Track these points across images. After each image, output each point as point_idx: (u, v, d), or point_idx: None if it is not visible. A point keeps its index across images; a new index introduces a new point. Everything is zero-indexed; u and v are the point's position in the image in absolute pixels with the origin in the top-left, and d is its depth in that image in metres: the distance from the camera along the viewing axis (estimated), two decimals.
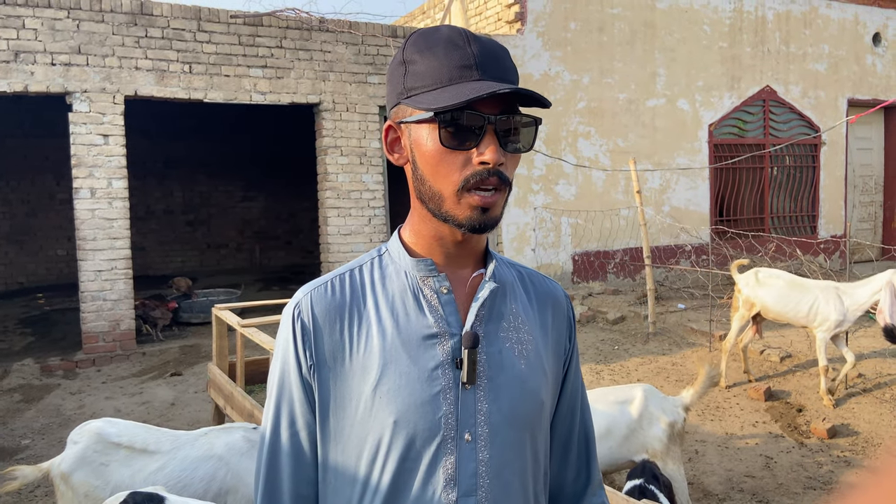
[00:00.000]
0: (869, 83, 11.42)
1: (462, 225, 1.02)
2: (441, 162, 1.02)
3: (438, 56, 1.01)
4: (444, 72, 1.01)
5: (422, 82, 1.03)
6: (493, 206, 1.02)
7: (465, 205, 1.01)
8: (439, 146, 1.01)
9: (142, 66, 7.16)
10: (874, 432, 4.92)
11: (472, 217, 1.01)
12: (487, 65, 1.01)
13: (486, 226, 1.02)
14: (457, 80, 1.00)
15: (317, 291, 1.10)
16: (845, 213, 11.44)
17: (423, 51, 1.03)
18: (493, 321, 1.10)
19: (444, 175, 1.02)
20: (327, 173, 8.07)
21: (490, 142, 1.00)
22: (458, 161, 1.01)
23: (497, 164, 0.99)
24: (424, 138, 1.03)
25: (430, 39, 1.04)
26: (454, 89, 0.99)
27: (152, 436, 2.92)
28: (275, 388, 1.11)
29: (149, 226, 13.12)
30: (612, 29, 9.31)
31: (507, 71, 1.04)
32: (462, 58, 1.01)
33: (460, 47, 1.01)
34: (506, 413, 1.06)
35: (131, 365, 6.97)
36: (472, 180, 1.00)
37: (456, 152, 1.01)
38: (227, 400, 4.09)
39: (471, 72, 1.00)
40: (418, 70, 1.03)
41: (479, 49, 1.02)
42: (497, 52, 1.04)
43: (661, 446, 3.38)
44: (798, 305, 5.46)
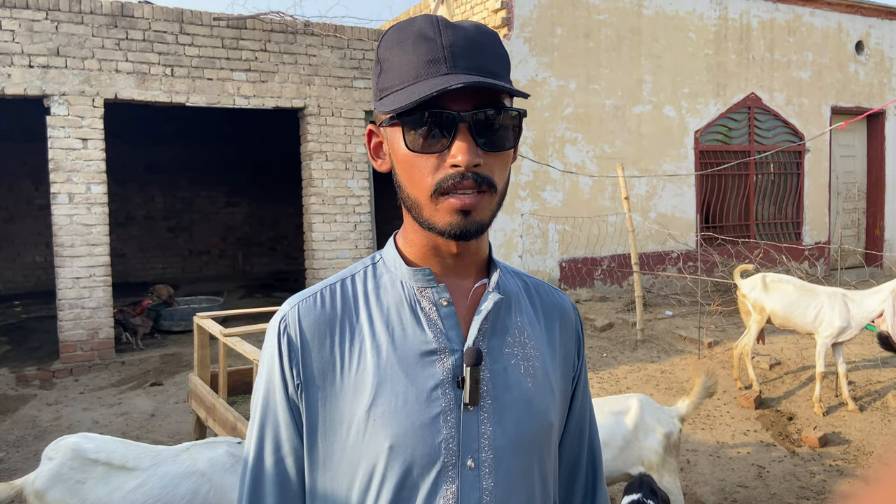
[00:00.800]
0: (852, 91, 11.51)
1: (442, 232, 0.93)
2: (413, 167, 0.93)
3: (407, 51, 0.93)
4: (410, 68, 0.92)
5: (391, 82, 0.94)
6: (476, 209, 0.92)
7: (444, 209, 0.92)
8: (407, 150, 0.93)
9: (122, 69, 7.02)
10: (865, 441, 4.88)
11: (453, 222, 0.92)
12: (460, 56, 0.91)
13: (469, 231, 0.93)
14: (423, 76, 0.91)
15: (305, 303, 1.00)
16: (829, 219, 11.50)
17: (394, 46, 0.94)
18: (498, 336, 1.01)
19: (417, 180, 0.93)
20: (312, 178, 7.96)
21: (462, 141, 0.90)
22: (429, 165, 0.92)
23: (470, 165, 0.90)
24: (396, 143, 0.95)
25: (402, 33, 0.94)
26: (416, 88, 0.90)
27: (131, 451, 2.80)
28: (258, 409, 1.01)
29: (129, 232, 12.92)
30: (599, 35, 9.29)
31: (486, 60, 0.93)
32: (429, 51, 0.91)
33: (430, 39, 0.92)
34: (512, 437, 0.97)
35: (110, 374, 6.80)
36: (446, 184, 0.91)
37: (426, 156, 0.92)
38: (209, 412, 3.96)
39: (438, 66, 0.90)
40: (389, 68, 0.95)
41: (453, 39, 0.92)
42: (477, 40, 0.94)
43: (657, 458, 3.30)
44: (805, 311, 5.41)
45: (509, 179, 0.99)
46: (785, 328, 5.75)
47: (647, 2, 9.62)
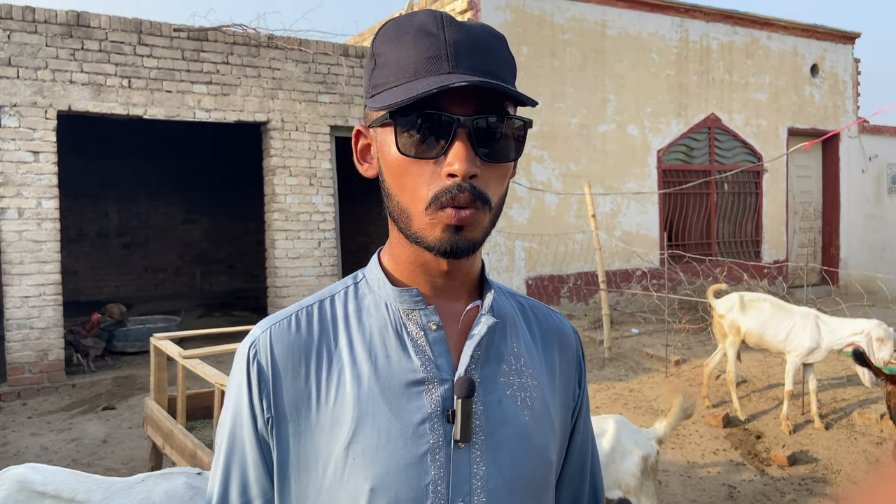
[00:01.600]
0: (807, 113, 11.79)
1: (432, 248, 0.83)
2: (405, 174, 0.83)
3: (406, 46, 0.83)
4: (409, 64, 0.82)
5: (386, 78, 0.84)
6: (470, 225, 0.82)
7: (437, 223, 0.82)
8: (399, 154, 0.83)
9: (77, 80, 6.79)
10: (833, 459, 4.90)
11: (443, 238, 0.82)
12: (463, 54, 0.82)
13: (460, 249, 0.83)
14: (423, 73, 0.82)
15: (278, 327, 0.89)
16: (787, 238, 11.72)
17: (392, 41, 0.85)
18: (492, 364, 0.90)
19: (410, 190, 0.83)
20: (275, 194, 7.78)
21: (460, 149, 0.81)
22: (424, 173, 0.82)
23: (467, 175, 0.80)
24: (388, 145, 0.84)
25: (401, 27, 0.85)
26: (412, 85, 0.81)
27: (82, 484, 2.61)
28: (224, 446, 0.89)
29: (81, 249, 12.51)
30: (564, 54, 9.35)
31: (492, 63, 0.85)
32: (431, 47, 0.82)
33: (432, 35, 0.83)
34: (508, 477, 0.87)
35: (60, 398, 6.50)
36: (443, 197, 0.81)
37: (420, 162, 0.82)
38: (167, 438, 3.76)
39: (439, 63, 0.81)
40: (385, 63, 0.85)
41: (457, 36, 0.83)
42: (483, 40, 0.85)
43: (634, 481, 3.22)
44: (778, 329, 5.41)
45: (505, 196, 0.89)
46: (758, 347, 5.73)
47: (611, 22, 9.73)
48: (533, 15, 9.09)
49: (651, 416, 5.67)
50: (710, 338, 7.93)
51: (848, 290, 11.22)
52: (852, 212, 12.36)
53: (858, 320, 5.23)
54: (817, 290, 11.05)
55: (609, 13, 9.70)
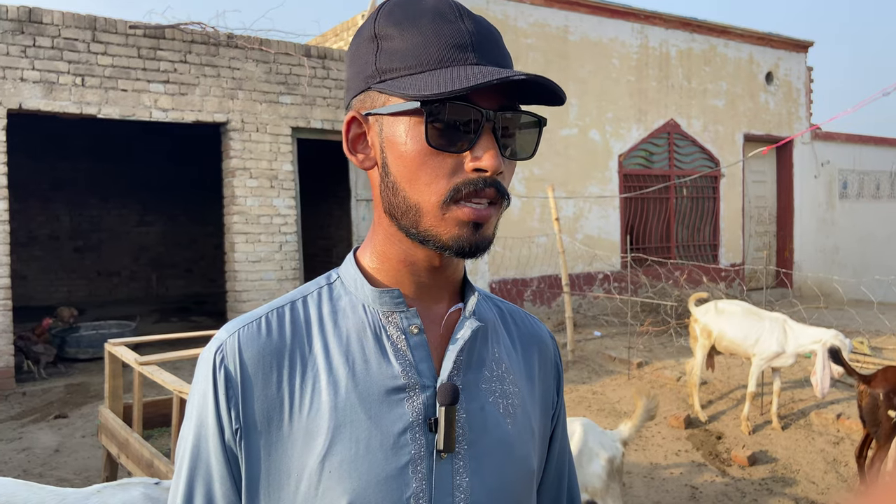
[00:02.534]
0: (763, 119, 12.07)
1: (447, 247, 0.79)
2: (423, 166, 0.78)
3: (424, 31, 0.78)
4: (432, 51, 0.78)
5: (402, 63, 0.79)
6: (488, 223, 0.79)
7: (452, 220, 0.78)
8: (424, 146, 0.77)
9: (28, 78, 6.56)
10: (791, 458, 4.99)
11: (462, 236, 0.78)
12: (484, 46, 0.79)
13: (479, 247, 0.79)
14: (448, 62, 0.77)
15: (246, 331, 0.82)
16: (743, 242, 11.97)
17: (403, 23, 0.80)
18: (474, 370, 0.86)
19: (426, 183, 0.78)
20: (235, 196, 7.64)
21: (489, 144, 0.77)
22: (445, 166, 0.78)
23: (497, 171, 0.77)
24: (402, 135, 0.79)
25: (411, 10, 0.80)
26: (448, 73, 0.76)
27: (35, 495, 2.50)
28: (187, 460, 0.82)
29: (31, 252, 12.12)
30: (527, 58, 9.40)
31: (504, 56, 0.83)
32: (454, 35, 0.78)
33: (451, 22, 0.79)
34: (491, 488, 0.83)
35: (9, 406, 6.28)
36: (465, 190, 0.77)
37: (444, 155, 0.78)
38: (122, 447, 3.63)
39: (466, 53, 0.78)
40: (397, 47, 0.79)
41: (475, 27, 0.80)
42: (494, 34, 0.83)
43: (600, 483, 3.22)
44: (747, 334, 5.48)
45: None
46: (728, 352, 5.78)
47: (573, 28, 9.82)
48: (496, 18, 9.12)
49: (614, 418, 5.70)
50: (672, 340, 8.04)
51: (803, 293, 11.51)
52: (805, 216, 12.69)
53: (819, 329, 5.31)
54: (773, 292, 11.30)
55: (571, 18, 9.79)
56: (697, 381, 5.81)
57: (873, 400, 4.10)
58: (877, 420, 4.08)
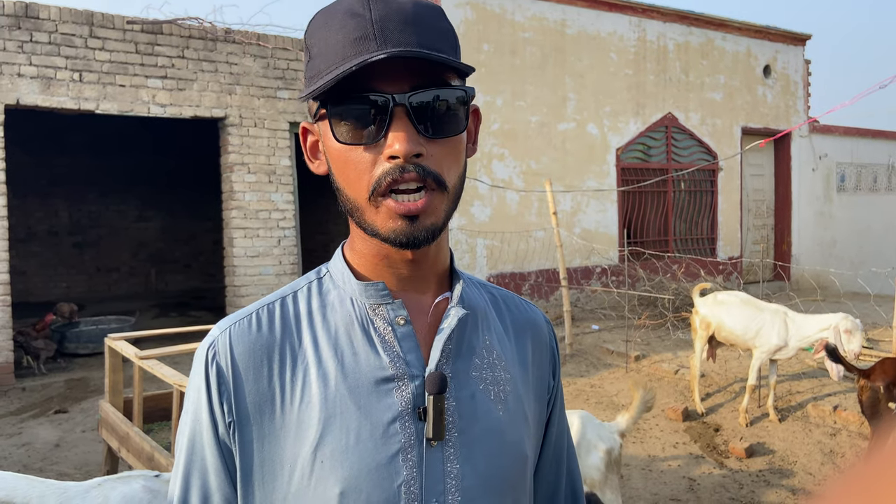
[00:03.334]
0: (760, 113, 12.07)
1: (387, 239, 0.80)
2: (347, 163, 0.80)
3: (333, 31, 0.79)
4: (337, 49, 0.78)
5: (317, 68, 0.80)
6: (424, 213, 0.79)
7: (385, 213, 0.79)
8: (337, 143, 0.79)
9: (25, 73, 6.56)
10: (789, 450, 5.01)
11: (396, 229, 0.79)
12: (392, 29, 0.77)
13: (418, 238, 0.79)
14: (350, 56, 0.77)
15: (238, 327, 0.85)
16: (741, 235, 11.98)
17: (321, 29, 0.81)
18: (463, 358, 0.87)
19: (353, 179, 0.80)
20: (233, 192, 7.64)
21: (399, 128, 0.77)
22: (365, 159, 0.78)
23: (410, 154, 0.76)
24: (328, 137, 0.81)
25: (329, 13, 0.81)
26: (339, 69, 0.77)
27: (35, 488, 2.51)
28: (183, 453, 0.84)
29: (30, 248, 12.12)
30: (524, 52, 9.39)
31: (425, 35, 0.79)
32: (357, 27, 0.78)
33: (358, 15, 0.78)
34: (482, 475, 0.84)
35: (9, 402, 6.29)
36: (384, 181, 0.77)
37: (359, 149, 0.78)
38: (122, 441, 3.65)
39: (366, 43, 0.77)
40: (317, 53, 0.81)
41: (384, 12, 0.78)
42: (413, 13, 0.79)
43: (599, 475, 3.24)
44: (747, 326, 5.43)
45: (464, 175, 0.85)
46: (728, 343, 5.75)
47: (571, 21, 9.81)
48: (493, 13, 9.11)
49: (612, 411, 5.72)
50: (670, 333, 8.06)
51: (800, 286, 11.53)
52: (803, 209, 12.70)
53: (824, 315, 5.25)
54: (771, 285, 11.32)
55: (568, 12, 9.78)
56: (697, 374, 5.82)
57: (874, 393, 4.08)
58: (878, 413, 4.07)
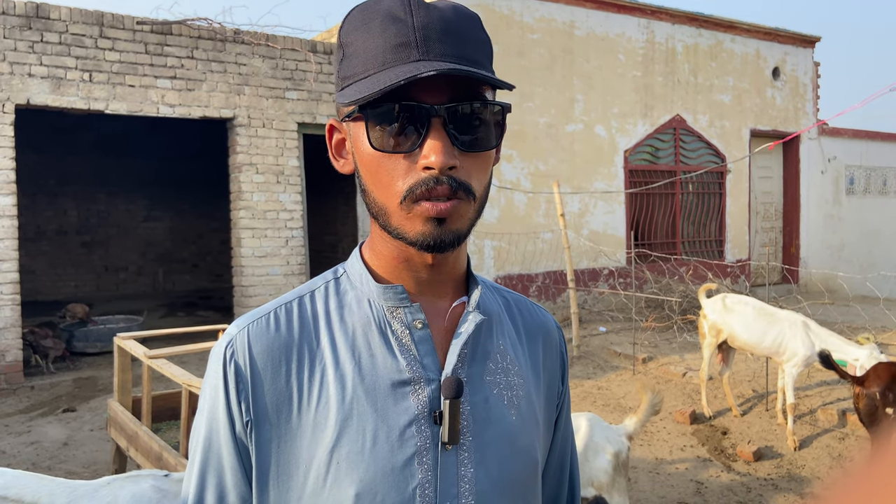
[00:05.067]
0: (769, 115, 12.02)
1: (413, 243, 0.80)
2: (380, 169, 0.80)
3: (373, 34, 0.79)
4: (377, 54, 0.79)
5: (355, 69, 0.80)
6: (452, 217, 0.79)
7: (415, 217, 0.79)
8: (372, 149, 0.79)
9: (36, 73, 6.59)
10: (797, 454, 4.99)
11: (425, 232, 0.79)
12: (433, 39, 0.78)
13: (444, 242, 0.80)
14: (391, 63, 0.78)
15: (256, 326, 0.85)
16: (749, 238, 11.93)
17: (359, 28, 0.81)
18: (478, 362, 0.88)
19: (385, 185, 0.80)
20: (241, 192, 7.66)
21: (436, 140, 0.77)
22: (399, 167, 0.79)
23: (445, 167, 0.77)
24: (361, 140, 0.81)
25: (367, 13, 0.81)
26: (381, 76, 0.77)
27: (45, 487, 2.52)
28: (199, 452, 0.85)
29: (39, 247, 12.18)
30: (532, 54, 9.38)
31: (465, 46, 0.80)
32: (399, 33, 0.78)
33: (400, 20, 0.78)
34: (495, 479, 0.84)
35: (18, 400, 6.32)
36: (418, 191, 0.78)
37: (394, 156, 0.79)
38: (131, 440, 3.66)
39: (408, 51, 0.78)
40: (353, 53, 0.81)
41: (427, 20, 0.79)
42: (455, 23, 0.80)
43: (606, 478, 3.23)
44: (764, 335, 5.20)
45: (490, 184, 0.86)
46: (743, 351, 5.60)
47: (579, 23, 9.80)
48: (502, 14, 9.11)
49: (619, 414, 5.71)
50: (677, 336, 8.04)
51: (808, 289, 11.48)
52: (812, 212, 12.64)
53: (852, 346, 4.96)
54: (778, 288, 11.28)
55: (577, 14, 9.77)
56: (706, 378, 5.75)
57: (870, 400, 4.00)
58: (876, 419, 4.00)
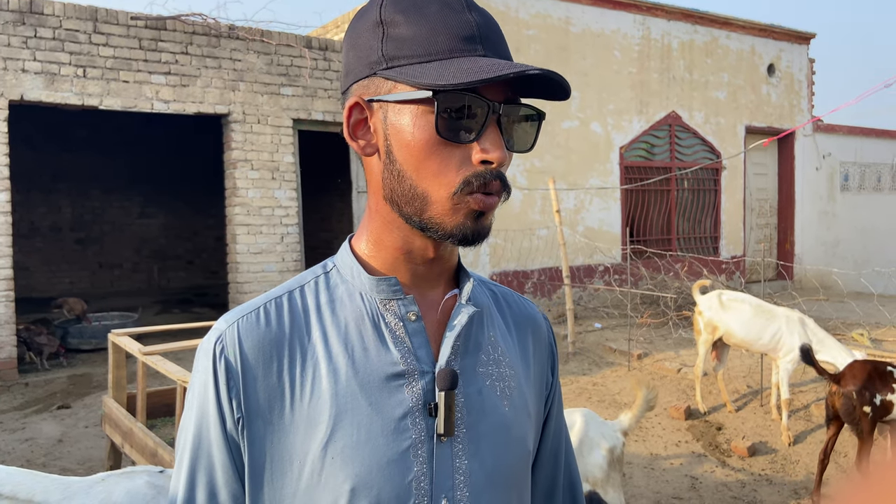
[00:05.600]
0: (764, 112, 12.04)
1: (451, 235, 0.80)
2: (431, 156, 0.79)
3: (431, 20, 0.78)
4: (441, 40, 0.78)
5: (410, 50, 0.79)
6: (490, 213, 0.81)
7: (461, 210, 0.79)
8: (432, 136, 0.78)
9: (29, 69, 6.56)
10: (791, 450, 5.01)
11: (466, 225, 0.79)
12: (491, 39, 0.80)
13: (480, 235, 0.81)
14: (458, 52, 0.78)
15: (246, 320, 0.83)
16: (744, 234, 11.96)
17: (410, 10, 0.79)
18: (471, 354, 0.88)
19: (434, 173, 0.79)
20: (236, 188, 7.65)
21: (495, 136, 0.78)
22: (454, 157, 0.78)
23: (502, 162, 0.78)
24: (408, 124, 0.79)
25: None
26: (459, 64, 0.76)
27: (39, 483, 2.51)
28: (188, 450, 0.83)
29: (33, 244, 12.13)
30: (529, 50, 9.38)
31: (507, 50, 0.84)
32: (462, 26, 0.78)
33: (458, 12, 0.79)
34: (489, 470, 0.84)
35: (12, 397, 6.30)
36: (475, 183, 0.78)
37: (451, 145, 0.78)
38: (126, 437, 3.66)
39: (474, 45, 0.78)
40: (403, 34, 0.79)
41: (480, 19, 0.80)
42: (497, 27, 0.83)
43: (601, 473, 3.24)
44: (761, 332, 5.21)
45: None
46: (740, 348, 5.61)
47: (575, 20, 9.79)
48: (497, 10, 9.10)
49: (615, 410, 5.72)
50: (671, 332, 8.06)
51: (803, 285, 11.52)
52: (806, 209, 12.68)
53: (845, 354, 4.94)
54: (773, 284, 11.31)
55: (573, 10, 9.76)
56: (700, 374, 5.77)
57: (847, 399, 3.99)
58: (855, 418, 4.00)
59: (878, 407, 3.99)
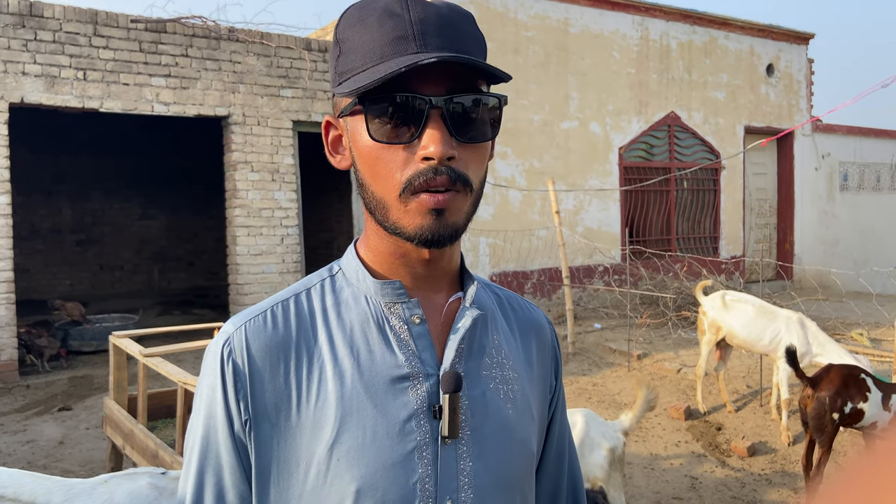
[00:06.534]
0: (763, 111, 12.05)
1: (412, 237, 0.80)
2: (378, 161, 0.80)
3: (370, 29, 0.80)
4: (375, 47, 0.79)
5: (352, 63, 0.81)
6: (450, 210, 0.79)
7: (414, 210, 0.79)
8: (371, 141, 0.80)
9: (29, 72, 6.57)
10: (791, 449, 5.01)
11: (423, 225, 0.79)
12: (430, 33, 0.79)
13: (442, 236, 0.80)
14: (389, 55, 0.78)
15: (253, 324, 0.85)
16: (744, 234, 11.97)
17: (356, 24, 0.82)
18: (475, 357, 0.89)
19: (383, 177, 0.80)
20: (237, 190, 7.66)
21: (434, 130, 0.78)
22: (397, 158, 0.79)
23: (444, 157, 0.77)
24: (359, 133, 0.81)
25: (365, 9, 0.82)
26: (380, 68, 0.78)
27: (42, 485, 2.52)
28: (196, 452, 0.84)
29: (33, 246, 12.14)
30: (527, 51, 9.39)
31: (460, 40, 0.81)
32: (396, 27, 0.79)
33: (396, 15, 0.80)
34: (494, 472, 0.85)
35: (13, 399, 6.30)
36: (416, 182, 0.78)
37: (393, 147, 0.79)
38: (127, 438, 3.67)
39: (406, 44, 0.78)
40: (350, 48, 0.82)
41: (423, 15, 0.80)
42: (449, 18, 0.82)
43: (602, 474, 3.25)
44: (762, 333, 5.22)
45: (485, 179, 0.87)
46: (741, 348, 5.61)
47: (574, 20, 9.81)
48: (496, 11, 9.11)
49: (615, 410, 5.73)
50: (671, 332, 8.07)
51: (802, 285, 11.53)
52: (806, 208, 12.69)
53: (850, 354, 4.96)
54: (772, 284, 11.32)
55: (571, 11, 9.78)
56: (702, 374, 5.76)
57: (820, 405, 3.92)
58: (822, 425, 3.91)
59: (845, 415, 3.90)
